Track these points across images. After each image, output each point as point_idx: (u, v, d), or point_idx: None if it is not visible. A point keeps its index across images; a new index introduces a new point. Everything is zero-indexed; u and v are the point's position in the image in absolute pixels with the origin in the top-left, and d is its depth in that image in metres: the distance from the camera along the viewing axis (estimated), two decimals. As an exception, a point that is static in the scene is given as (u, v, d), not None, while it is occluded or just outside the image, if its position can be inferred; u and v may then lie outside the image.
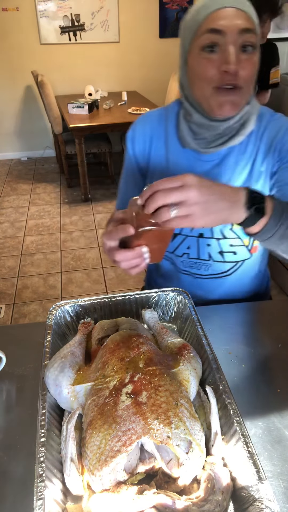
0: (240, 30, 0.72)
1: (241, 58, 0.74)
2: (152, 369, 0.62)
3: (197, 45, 0.76)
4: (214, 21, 0.73)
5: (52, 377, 0.65)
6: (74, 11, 4.30)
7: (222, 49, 0.74)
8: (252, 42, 0.74)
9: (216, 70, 0.74)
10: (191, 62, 0.78)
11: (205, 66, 0.75)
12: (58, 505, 0.53)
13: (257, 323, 0.91)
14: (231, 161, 0.89)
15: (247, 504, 0.52)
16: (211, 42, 0.73)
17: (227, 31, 0.72)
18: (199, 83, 0.78)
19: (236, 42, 0.73)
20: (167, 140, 0.93)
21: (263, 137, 0.89)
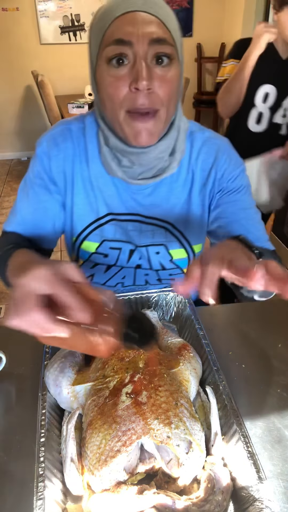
0: (152, 40, 0.60)
1: (155, 73, 0.62)
2: (152, 369, 0.62)
3: (103, 58, 0.64)
4: (120, 29, 0.61)
5: (52, 377, 0.65)
6: (74, 11, 4.30)
7: (130, 62, 0.62)
8: (167, 53, 0.62)
9: (127, 89, 0.63)
10: (99, 78, 0.66)
11: (113, 85, 0.63)
12: (58, 505, 0.53)
13: (257, 323, 0.91)
14: (164, 191, 0.81)
15: (247, 504, 0.52)
16: (117, 54, 0.62)
17: (135, 40, 0.60)
18: (109, 104, 0.66)
19: (146, 53, 0.61)
20: (88, 163, 0.80)
21: (197, 161, 0.80)
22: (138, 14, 0.60)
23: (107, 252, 0.89)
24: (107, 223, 0.84)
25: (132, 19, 0.60)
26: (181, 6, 4.42)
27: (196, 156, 0.80)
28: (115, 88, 0.63)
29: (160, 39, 0.61)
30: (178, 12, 4.43)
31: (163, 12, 0.62)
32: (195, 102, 4.65)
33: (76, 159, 0.80)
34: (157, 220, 0.84)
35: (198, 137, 0.81)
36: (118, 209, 0.83)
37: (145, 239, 0.87)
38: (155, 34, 0.60)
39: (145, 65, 0.61)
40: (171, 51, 0.63)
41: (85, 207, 0.83)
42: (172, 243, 0.87)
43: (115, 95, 0.64)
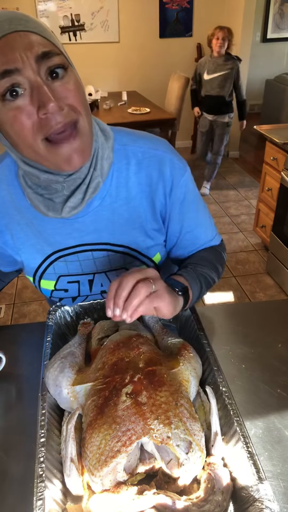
0: (37, 57, 0.54)
1: (56, 88, 0.56)
2: (152, 369, 0.62)
3: None
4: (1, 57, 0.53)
5: (52, 377, 0.65)
6: (74, 11, 4.30)
7: (27, 89, 0.55)
8: (58, 63, 0.56)
9: (36, 118, 0.56)
10: (2, 121, 0.58)
11: (18, 120, 0.56)
12: (58, 505, 0.53)
13: (257, 323, 0.91)
14: (106, 214, 0.76)
15: (247, 504, 0.52)
16: (9, 87, 0.54)
17: (21, 66, 0.53)
18: (22, 142, 0.59)
19: (39, 74, 0.55)
20: (17, 207, 0.75)
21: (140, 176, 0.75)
22: (10, 36, 0.53)
23: (66, 287, 0.86)
24: (56, 260, 0.81)
25: (7, 44, 0.53)
26: (181, 6, 4.41)
27: (137, 171, 0.75)
28: (20, 122, 0.56)
29: (45, 52, 0.55)
30: (178, 12, 4.43)
31: (32, 25, 0.56)
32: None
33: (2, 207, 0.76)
34: (109, 245, 0.80)
35: (136, 151, 0.75)
36: (63, 244, 0.79)
37: (102, 266, 0.83)
38: (38, 50, 0.54)
39: (44, 85, 0.55)
40: (61, 60, 0.57)
41: (30, 249, 0.80)
42: (132, 263, 0.83)
43: (24, 129, 0.57)
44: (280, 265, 2.41)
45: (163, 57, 4.61)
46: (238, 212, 3.41)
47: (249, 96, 5.33)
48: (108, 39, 4.50)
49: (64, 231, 0.77)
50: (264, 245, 2.82)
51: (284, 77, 4.63)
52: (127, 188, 0.76)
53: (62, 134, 0.58)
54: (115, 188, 0.75)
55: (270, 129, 2.53)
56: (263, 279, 2.55)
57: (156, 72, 4.63)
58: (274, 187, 2.45)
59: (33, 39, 0.54)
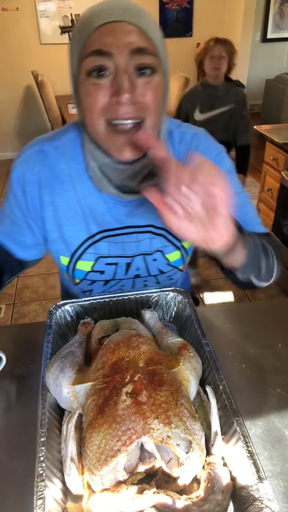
0: (132, 51, 0.58)
1: (137, 83, 0.60)
2: (152, 369, 0.62)
3: (84, 70, 0.61)
4: (99, 40, 0.58)
5: (52, 377, 0.65)
6: (74, 11, 4.30)
7: (112, 74, 0.60)
8: (149, 64, 0.60)
9: (107, 100, 0.60)
10: (80, 89, 0.63)
11: (93, 93, 0.60)
12: (58, 505, 0.53)
13: (257, 323, 0.91)
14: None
15: (247, 503, 0.52)
16: (97, 66, 0.59)
17: (115, 52, 0.58)
18: (89, 115, 0.63)
19: (128, 64, 0.59)
20: (73, 182, 0.76)
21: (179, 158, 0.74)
22: (118, 24, 0.58)
23: (103, 268, 0.87)
24: (99, 240, 0.82)
25: (112, 30, 0.58)
26: (181, 6, 4.42)
27: (178, 154, 0.78)
28: (94, 97, 0.60)
29: (141, 49, 0.59)
30: (178, 12, 4.44)
31: (145, 21, 0.59)
32: (195, 102, 4.65)
33: (54, 181, 0.76)
34: (152, 228, 0.83)
35: (176, 135, 0.78)
36: (111, 225, 0.81)
37: (142, 249, 0.85)
38: (135, 44, 0.58)
39: (127, 76, 0.59)
40: (153, 61, 0.60)
41: (74, 228, 0.81)
42: (168, 247, 0.86)
43: (95, 104, 0.61)
44: (280, 265, 2.41)
45: (163, 57, 4.62)
46: (238, 212, 3.41)
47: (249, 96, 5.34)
48: (108, 39, 4.50)
49: (115, 212, 0.79)
50: (264, 245, 2.82)
51: (284, 77, 4.63)
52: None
53: (125, 125, 0.61)
54: None
55: (270, 129, 2.53)
56: (263, 279, 2.55)
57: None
58: (274, 187, 2.45)
59: (136, 33, 0.58)
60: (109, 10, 0.59)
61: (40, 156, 0.76)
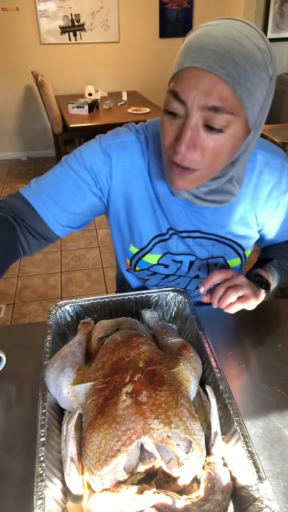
0: (205, 108, 0.57)
1: (199, 140, 0.60)
2: (152, 369, 0.62)
3: (166, 101, 0.62)
4: (180, 83, 0.57)
5: (52, 377, 0.65)
6: (74, 11, 4.30)
7: (183, 118, 0.60)
8: (220, 124, 0.58)
9: (172, 140, 0.63)
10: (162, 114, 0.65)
11: (165, 129, 0.63)
12: (58, 505, 0.53)
13: (257, 323, 0.91)
14: (224, 209, 0.82)
15: (247, 503, 0.52)
16: (172, 110, 0.60)
17: (189, 102, 0.57)
18: (162, 144, 0.67)
19: (196, 120, 0.59)
20: (152, 180, 0.80)
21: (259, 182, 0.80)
22: (203, 72, 0.55)
23: (169, 263, 0.91)
24: (170, 238, 0.87)
25: (195, 77, 0.55)
26: (181, 6, 4.42)
27: (258, 178, 0.80)
28: (164, 134, 0.64)
29: (217, 108, 0.56)
30: (178, 12, 4.44)
31: (237, 72, 0.54)
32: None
33: (141, 174, 0.80)
34: (217, 236, 0.87)
35: (259, 159, 0.79)
36: (181, 226, 0.84)
37: (205, 253, 0.89)
38: (212, 103, 0.56)
39: (191, 133, 0.59)
40: (225, 122, 0.58)
41: (149, 222, 0.84)
42: (230, 254, 0.90)
43: (165, 139, 0.65)
44: (280, 265, 2.41)
45: (163, 57, 4.61)
46: (238, 212, 3.41)
47: (249, 96, 5.32)
48: (108, 39, 4.50)
49: (186, 215, 0.83)
50: (264, 245, 2.82)
51: (284, 77, 4.63)
52: (247, 189, 0.81)
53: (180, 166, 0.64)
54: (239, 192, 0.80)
55: (270, 129, 2.53)
56: (263, 279, 2.55)
57: (156, 72, 4.63)
58: (274, 187, 2.45)
59: (219, 89, 0.55)
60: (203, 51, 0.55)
61: (136, 146, 0.79)
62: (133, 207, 0.83)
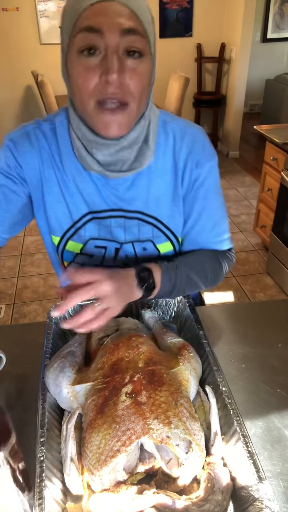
0: (123, 31, 0.60)
1: (126, 65, 0.62)
2: (152, 369, 0.62)
3: (75, 46, 0.63)
4: (91, 18, 0.60)
5: (52, 377, 0.65)
6: (74, 11, 4.30)
7: (102, 53, 0.62)
8: (138, 47, 0.62)
9: (97, 80, 0.62)
10: (70, 67, 0.66)
11: (83, 75, 0.63)
12: (58, 505, 0.53)
13: (257, 323, 0.91)
14: (144, 182, 0.79)
15: (247, 503, 0.52)
16: (88, 45, 0.61)
17: (106, 30, 0.59)
18: (79, 95, 0.66)
19: (117, 45, 0.60)
20: (63, 163, 0.79)
21: (175, 151, 0.79)
22: (109, 4, 0.59)
23: (92, 252, 0.86)
24: (88, 221, 0.83)
25: (104, 9, 0.59)
26: (181, 6, 4.42)
27: (173, 146, 0.79)
28: (85, 78, 0.63)
29: (131, 29, 0.60)
30: (178, 12, 4.43)
31: (135, 3, 0.61)
32: (195, 102, 4.64)
33: (49, 159, 0.79)
34: (141, 214, 0.82)
35: (175, 127, 0.80)
36: (99, 206, 0.81)
37: (130, 236, 0.84)
38: (126, 25, 0.60)
39: (116, 57, 0.61)
40: (142, 44, 0.62)
41: (63, 208, 0.82)
42: (159, 238, 0.85)
43: (85, 85, 0.63)
44: (280, 265, 2.41)
45: (163, 57, 4.61)
46: (238, 212, 3.42)
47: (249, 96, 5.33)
48: (108, 39, 4.50)
49: (103, 192, 0.80)
50: (264, 245, 2.82)
51: (284, 77, 4.63)
52: (164, 161, 0.79)
53: (111, 103, 0.64)
54: (154, 160, 0.78)
55: (270, 129, 2.53)
56: (263, 279, 2.55)
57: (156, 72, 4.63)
58: (274, 187, 2.45)
59: (127, 14, 0.60)
60: None
61: (39, 133, 0.79)
62: (46, 193, 0.81)
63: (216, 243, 0.87)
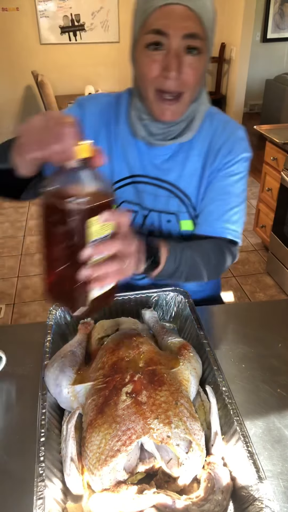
0: (185, 35, 0.68)
1: (185, 61, 0.71)
2: (152, 369, 0.62)
3: (143, 42, 0.72)
4: (159, 20, 0.68)
5: (52, 377, 0.65)
6: (74, 11, 4.30)
7: (165, 49, 0.71)
8: (197, 46, 0.70)
9: (158, 72, 0.72)
10: (137, 56, 0.76)
11: (148, 66, 0.73)
12: (58, 505, 0.53)
13: (257, 323, 0.91)
14: (181, 157, 0.87)
15: (247, 503, 0.52)
16: (154, 42, 0.70)
17: (171, 33, 0.68)
18: (143, 83, 0.76)
19: (179, 45, 0.70)
20: (116, 127, 0.89)
21: (213, 140, 0.86)
22: (177, 7, 0.67)
23: None
24: (127, 185, 0.90)
25: (171, 12, 0.67)
26: (181, 6, 4.42)
27: (214, 131, 0.87)
28: (149, 69, 0.72)
29: (193, 34, 0.68)
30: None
31: (200, 4, 0.67)
32: (195, 102, 4.65)
33: (107, 123, 0.88)
34: (173, 187, 0.89)
35: (220, 118, 0.88)
36: (138, 171, 0.89)
37: (159, 205, 0.91)
38: (188, 30, 0.68)
39: (177, 56, 0.70)
40: (200, 45, 0.71)
41: (108, 167, 0.89)
42: (183, 214, 0.91)
43: (148, 75, 0.73)
44: (280, 265, 2.41)
45: (163, 57, 4.61)
46: (238, 212, 3.41)
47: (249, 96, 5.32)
48: (108, 39, 4.50)
49: (144, 160, 0.88)
50: (264, 245, 2.82)
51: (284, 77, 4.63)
52: (203, 141, 0.87)
53: (167, 95, 0.74)
54: (195, 140, 0.87)
55: (270, 129, 2.53)
56: (263, 279, 2.55)
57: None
58: (274, 187, 2.45)
59: (191, 19, 0.67)
60: None
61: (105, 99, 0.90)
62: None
63: (223, 229, 0.88)
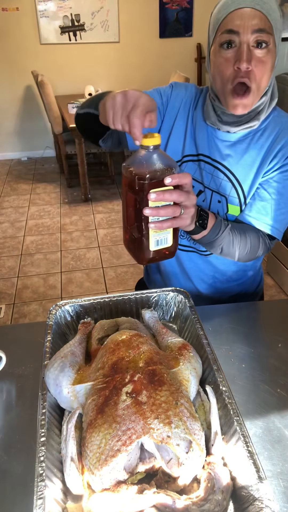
0: (254, 30, 0.78)
1: (254, 55, 0.79)
2: (152, 369, 0.62)
3: (217, 41, 0.82)
4: (231, 22, 0.79)
5: (52, 377, 0.65)
6: (74, 11, 4.30)
7: (237, 46, 0.80)
8: (264, 40, 0.79)
9: (232, 69, 0.81)
10: (212, 57, 0.86)
11: (223, 64, 0.82)
12: (58, 505, 0.53)
13: (257, 323, 0.91)
14: (243, 147, 0.94)
15: (247, 503, 0.52)
16: (227, 41, 0.80)
17: (242, 31, 0.78)
18: (218, 79, 0.85)
19: (249, 40, 0.78)
20: (194, 111, 1.00)
21: (277, 138, 0.92)
22: (246, 10, 0.77)
23: None
24: (193, 161, 0.99)
25: (242, 14, 0.78)
26: (181, 6, 4.42)
27: (278, 131, 0.92)
28: (224, 66, 0.82)
29: (261, 29, 0.77)
30: (178, 12, 4.44)
31: (267, 6, 0.78)
32: (195, 102, 4.66)
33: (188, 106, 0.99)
34: (229, 172, 0.96)
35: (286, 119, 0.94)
36: (204, 151, 0.97)
37: (214, 184, 0.98)
38: (257, 26, 0.77)
39: (247, 49, 0.78)
40: (268, 39, 0.79)
41: (181, 142, 0.99)
42: (234, 198, 0.97)
43: (224, 72, 0.82)
44: (280, 265, 2.41)
45: (163, 57, 4.62)
46: (238, 212, 3.41)
47: (249, 96, 5.32)
48: (108, 39, 4.50)
49: (210, 142, 0.97)
50: (264, 245, 2.82)
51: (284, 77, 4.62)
52: (266, 138, 0.93)
53: (240, 90, 0.82)
54: (259, 134, 0.93)
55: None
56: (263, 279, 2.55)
57: (156, 72, 4.63)
58: (274, 187, 2.45)
59: (259, 17, 0.77)
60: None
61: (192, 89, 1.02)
62: (175, 126, 1.00)
63: (267, 225, 0.95)
